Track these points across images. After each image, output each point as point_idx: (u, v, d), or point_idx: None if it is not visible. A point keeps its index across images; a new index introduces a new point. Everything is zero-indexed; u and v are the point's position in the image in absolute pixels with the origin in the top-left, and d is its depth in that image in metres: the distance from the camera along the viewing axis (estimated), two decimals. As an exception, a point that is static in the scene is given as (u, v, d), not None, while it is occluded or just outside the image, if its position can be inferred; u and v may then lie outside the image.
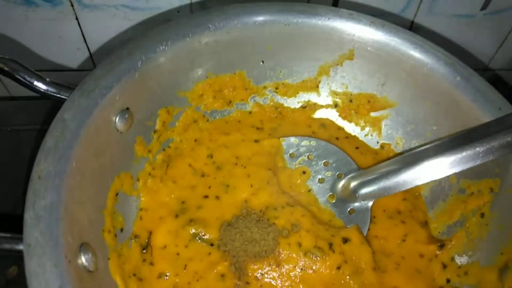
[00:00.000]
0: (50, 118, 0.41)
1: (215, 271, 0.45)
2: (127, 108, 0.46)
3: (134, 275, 0.43)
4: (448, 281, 0.46)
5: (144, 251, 0.46)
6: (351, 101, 0.57)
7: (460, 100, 0.49)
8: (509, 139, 0.42)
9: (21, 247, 0.34)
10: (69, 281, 0.33)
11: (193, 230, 0.47)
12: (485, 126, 0.46)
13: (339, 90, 0.57)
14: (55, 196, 0.36)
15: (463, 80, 0.49)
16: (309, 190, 0.52)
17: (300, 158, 0.54)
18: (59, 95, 0.44)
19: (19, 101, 0.66)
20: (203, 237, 0.47)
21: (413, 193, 0.53)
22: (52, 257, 0.33)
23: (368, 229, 0.49)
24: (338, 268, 0.45)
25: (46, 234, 0.34)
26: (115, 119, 0.45)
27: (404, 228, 0.49)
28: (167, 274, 0.44)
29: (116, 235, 0.44)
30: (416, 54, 0.51)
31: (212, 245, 0.46)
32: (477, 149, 0.42)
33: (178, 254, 0.46)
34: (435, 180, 0.50)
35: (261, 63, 0.55)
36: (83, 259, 0.36)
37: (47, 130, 0.39)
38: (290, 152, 0.54)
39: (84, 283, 0.35)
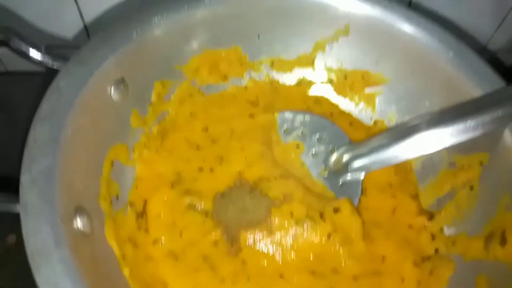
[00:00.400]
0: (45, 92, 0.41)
1: (209, 238, 0.46)
2: (123, 79, 0.47)
3: (129, 240, 0.44)
4: (436, 250, 0.48)
5: (139, 218, 0.47)
6: (345, 77, 0.57)
7: (453, 75, 0.49)
8: (499, 113, 0.42)
9: (18, 209, 0.35)
10: (65, 241, 0.34)
11: (189, 201, 0.48)
12: (477, 100, 0.46)
13: (334, 66, 0.57)
14: (51, 161, 0.37)
15: (456, 56, 0.49)
16: (303, 164, 0.53)
17: (294, 133, 0.55)
18: (54, 65, 0.45)
19: (15, 76, 0.67)
20: (198, 207, 0.48)
21: (405, 167, 0.53)
22: (47, 218, 0.34)
23: (359, 201, 0.50)
24: (329, 236, 0.46)
25: (41, 196, 0.35)
26: (111, 89, 0.46)
27: (394, 201, 0.50)
28: (162, 240, 0.45)
29: (112, 202, 0.44)
30: (411, 30, 0.51)
31: (206, 215, 0.47)
32: (469, 123, 0.43)
33: (173, 222, 0.47)
34: (426, 155, 0.51)
35: (257, 38, 0.55)
36: (78, 222, 0.37)
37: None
38: (285, 127, 0.55)
39: (80, 245, 0.36)
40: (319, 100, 0.58)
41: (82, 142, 0.41)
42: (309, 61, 0.58)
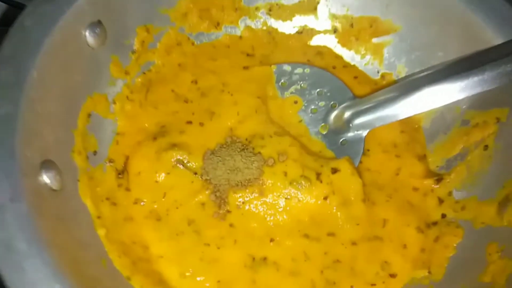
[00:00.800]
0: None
1: (196, 199, 0.42)
2: (99, 21, 0.42)
3: (108, 199, 0.41)
4: (443, 216, 0.44)
5: (120, 175, 0.43)
6: (351, 25, 0.52)
7: (472, 21, 0.44)
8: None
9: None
10: (23, 196, 0.30)
11: (177, 156, 0.44)
12: (497, 49, 0.41)
13: (339, 13, 0.52)
14: (12, 107, 0.33)
15: (475, -3, 0.43)
16: (300, 121, 0.48)
17: (292, 87, 0.50)
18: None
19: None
20: (187, 164, 0.44)
21: (412, 125, 0.49)
22: (3, 167, 0.30)
23: (361, 162, 0.46)
24: (325, 198, 0.42)
25: (-1, 144, 0.31)
26: (85, 32, 0.41)
27: (398, 161, 0.46)
28: (144, 200, 0.42)
29: (88, 158, 0.41)
30: (426, -31, 0.45)
31: (195, 173, 0.44)
32: (486, 74, 0.38)
33: (157, 181, 0.43)
34: (436, 111, 0.47)
35: (254, -21, 0.50)
36: (44, 177, 0.34)
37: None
38: (282, 80, 0.50)
39: (45, 201, 0.33)
40: (321, 52, 0.53)
41: (52, 89, 0.37)
42: (311, 7, 0.52)
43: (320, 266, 0.40)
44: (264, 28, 0.53)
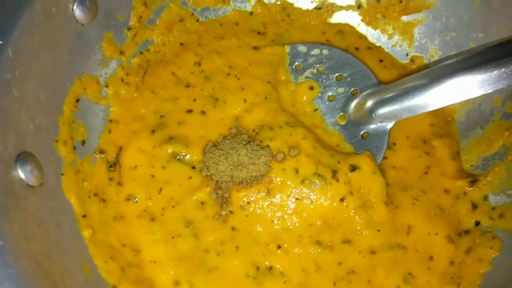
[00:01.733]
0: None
1: (195, 197, 0.38)
2: (88, -8, 0.37)
3: (96, 195, 0.36)
4: (477, 223, 0.38)
5: (111, 168, 0.39)
6: (378, 0, 0.45)
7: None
8: None
9: None
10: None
11: (172, 149, 0.39)
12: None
13: (365, -15, 0.45)
14: (-21, 90, 0.28)
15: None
16: (316, 109, 0.43)
17: (307, 71, 0.44)
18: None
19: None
20: (184, 157, 0.39)
21: (444, 118, 0.43)
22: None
23: (385, 157, 0.40)
24: (342, 200, 0.37)
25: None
26: (72, 5, 0.36)
27: (428, 159, 0.40)
28: (138, 196, 0.38)
29: (75, 148, 0.36)
30: None
31: (194, 167, 0.39)
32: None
33: (153, 176, 0.39)
34: (472, 101, 0.42)
35: None
36: (19, 171, 0.30)
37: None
38: (296, 63, 0.44)
39: (19, 199, 0.29)
40: (342, 31, 0.47)
41: (31, 69, 0.33)
42: (332, -22, 0.46)
43: (333, 277, 0.36)
44: (278, 2, 0.47)
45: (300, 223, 0.37)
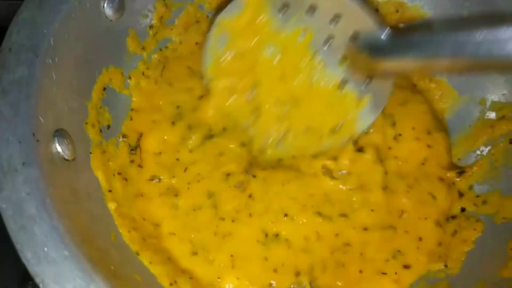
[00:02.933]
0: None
1: (222, 170, 0.41)
2: (118, -7, 0.41)
3: (119, 174, 0.40)
4: (463, 210, 0.42)
5: (132, 151, 0.42)
6: (377, 9, 0.50)
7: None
8: None
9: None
10: (36, 161, 0.29)
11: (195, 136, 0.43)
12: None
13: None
14: (27, 71, 0.32)
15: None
16: (312, 56, 0.41)
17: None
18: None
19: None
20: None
21: (436, 115, 0.47)
22: (17, 132, 0.30)
23: (389, 148, 0.43)
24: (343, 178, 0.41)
25: (13, 107, 0.30)
26: (104, 3, 0.40)
27: (428, 152, 0.43)
28: (160, 177, 0.41)
29: (101, 131, 0.40)
30: None
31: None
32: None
33: (178, 159, 0.42)
34: (461, 101, 0.45)
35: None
36: (57, 145, 0.33)
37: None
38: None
39: (57, 169, 0.32)
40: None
41: (68, 57, 0.36)
42: None
43: (331, 246, 0.39)
44: None
45: (302, 192, 0.40)
